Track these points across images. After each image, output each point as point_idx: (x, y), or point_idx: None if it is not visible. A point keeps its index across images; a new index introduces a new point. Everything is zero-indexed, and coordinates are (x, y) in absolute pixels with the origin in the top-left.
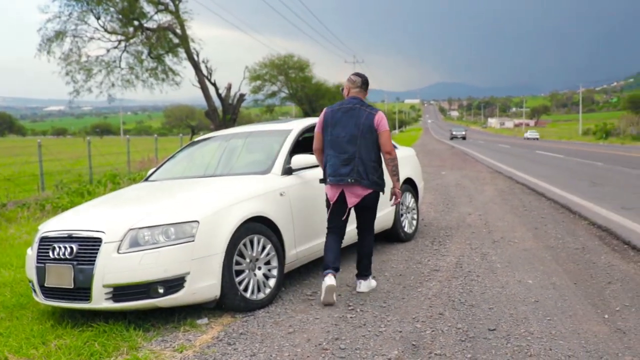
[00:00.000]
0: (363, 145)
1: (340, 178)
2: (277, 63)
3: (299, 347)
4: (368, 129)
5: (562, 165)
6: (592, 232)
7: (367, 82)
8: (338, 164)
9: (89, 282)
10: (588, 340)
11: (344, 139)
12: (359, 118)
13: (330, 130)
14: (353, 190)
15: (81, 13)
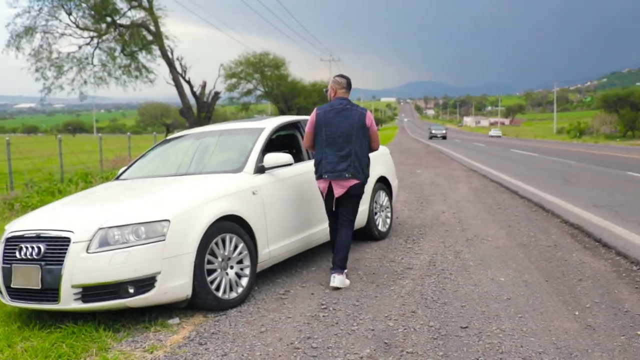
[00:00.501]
0: (357, 143)
1: (338, 174)
2: (252, 61)
3: (270, 346)
4: (361, 128)
5: (536, 163)
6: (564, 230)
7: (350, 83)
8: (336, 161)
9: (57, 283)
10: (558, 337)
11: (340, 137)
12: (352, 118)
13: (324, 130)
14: (342, 183)
15: (52, 8)
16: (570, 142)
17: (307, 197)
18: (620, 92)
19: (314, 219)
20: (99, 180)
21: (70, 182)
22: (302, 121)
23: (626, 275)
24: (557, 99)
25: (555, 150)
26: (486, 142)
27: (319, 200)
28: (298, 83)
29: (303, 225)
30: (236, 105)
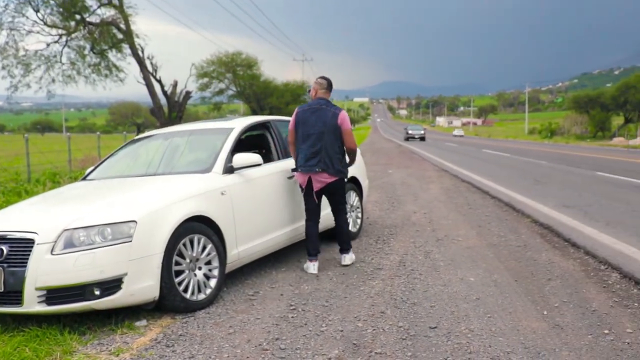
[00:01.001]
0: (328, 140)
1: (309, 168)
2: (224, 60)
3: (238, 347)
4: (333, 127)
5: (507, 163)
6: (534, 230)
7: (331, 84)
8: (308, 156)
9: (20, 285)
10: (527, 337)
11: (313, 135)
12: (326, 117)
13: (301, 127)
14: (318, 178)
15: (18, 5)
16: (541, 142)
17: (277, 198)
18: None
19: (284, 220)
20: (67, 181)
21: (37, 182)
22: (273, 121)
23: (594, 274)
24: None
25: (527, 150)
26: (458, 142)
27: (289, 200)
28: (270, 83)
29: (273, 225)
30: (208, 105)
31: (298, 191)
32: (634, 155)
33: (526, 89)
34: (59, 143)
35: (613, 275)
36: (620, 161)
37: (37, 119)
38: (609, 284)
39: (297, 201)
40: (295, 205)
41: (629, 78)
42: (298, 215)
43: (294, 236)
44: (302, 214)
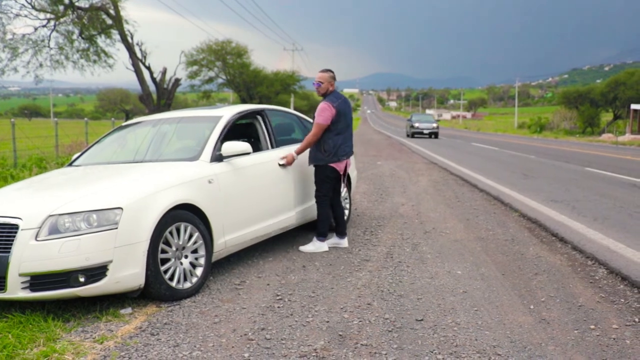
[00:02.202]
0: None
1: (352, 153)
2: (214, 48)
3: (224, 337)
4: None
5: (496, 157)
6: (522, 224)
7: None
8: (351, 144)
9: (3, 271)
10: (513, 331)
11: (350, 125)
12: (351, 107)
13: (343, 118)
14: (348, 162)
15: None
16: (530, 136)
17: (266, 187)
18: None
19: (273, 210)
20: (54, 166)
21: (23, 167)
22: (264, 110)
23: (581, 270)
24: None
25: (516, 144)
26: (448, 135)
27: (279, 190)
28: (260, 72)
29: (261, 215)
30: (197, 93)
31: (288, 181)
32: (622, 151)
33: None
34: (47, 128)
35: (600, 270)
36: (609, 157)
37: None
38: (596, 280)
39: (286, 191)
40: (284, 195)
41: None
42: (286, 206)
43: (284, 226)
44: (290, 204)
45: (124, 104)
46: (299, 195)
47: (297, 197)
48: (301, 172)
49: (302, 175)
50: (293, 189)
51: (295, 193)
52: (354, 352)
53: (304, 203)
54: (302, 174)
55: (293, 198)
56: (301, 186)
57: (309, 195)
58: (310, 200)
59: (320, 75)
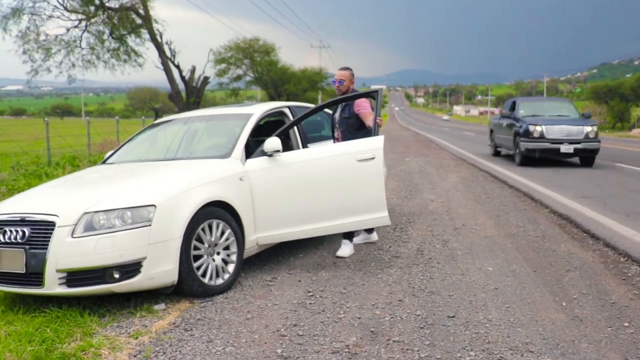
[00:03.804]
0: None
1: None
2: (242, 46)
3: (256, 333)
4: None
5: None
6: (552, 221)
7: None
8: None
9: (41, 267)
10: (545, 328)
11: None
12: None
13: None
14: None
15: None
16: None
17: (298, 187)
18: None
19: (307, 212)
20: (86, 164)
21: (57, 165)
22: (292, 107)
23: (614, 266)
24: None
25: None
26: (475, 131)
27: (314, 192)
28: (288, 69)
29: (294, 215)
30: (226, 91)
31: (325, 183)
32: None
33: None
34: (78, 127)
35: (633, 267)
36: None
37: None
38: (629, 277)
39: (323, 194)
40: (321, 198)
41: None
42: (323, 211)
43: (318, 233)
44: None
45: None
46: (340, 202)
47: (337, 203)
48: (342, 177)
49: (343, 181)
50: (332, 193)
51: (334, 197)
52: (386, 348)
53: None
54: (344, 179)
55: (331, 203)
56: (342, 193)
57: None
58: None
59: (341, 74)
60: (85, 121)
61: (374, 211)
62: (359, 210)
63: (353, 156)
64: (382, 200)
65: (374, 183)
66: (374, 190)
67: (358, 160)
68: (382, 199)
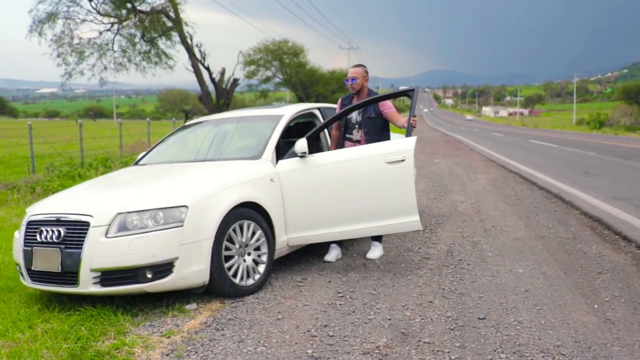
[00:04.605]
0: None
1: None
2: (271, 48)
3: (287, 333)
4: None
5: (555, 154)
6: (583, 222)
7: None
8: None
9: (76, 266)
10: (577, 330)
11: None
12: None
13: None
14: None
15: None
16: (589, 133)
17: (330, 189)
18: None
19: (337, 214)
20: (118, 165)
21: (90, 166)
22: (322, 108)
23: None
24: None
25: (575, 141)
26: (505, 132)
27: (344, 194)
28: (317, 71)
29: (325, 216)
30: (255, 93)
31: (358, 186)
32: None
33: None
34: (110, 129)
35: None
36: None
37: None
38: None
39: (355, 197)
40: (353, 201)
41: None
42: (355, 214)
43: (349, 235)
44: (360, 213)
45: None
46: (370, 205)
47: (367, 205)
48: (372, 179)
49: (373, 183)
50: (362, 195)
51: (364, 200)
52: (416, 349)
53: (377, 217)
54: (374, 181)
55: (361, 205)
56: (372, 195)
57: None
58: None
59: (355, 71)
60: (117, 123)
61: (404, 215)
62: (389, 214)
63: (383, 158)
64: (412, 204)
65: (404, 186)
66: (404, 193)
67: (388, 162)
68: (413, 203)
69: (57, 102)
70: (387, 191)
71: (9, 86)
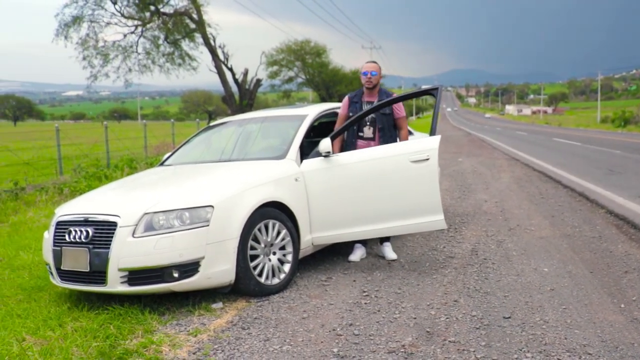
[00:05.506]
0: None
1: None
2: (294, 48)
3: (312, 332)
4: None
5: (579, 153)
6: (609, 221)
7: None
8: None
9: (104, 266)
10: (604, 330)
11: None
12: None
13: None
14: None
15: None
16: (614, 131)
17: (353, 189)
18: None
19: (361, 213)
20: (144, 166)
21: (116, 167)
22: None
23: None
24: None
25: (600, 139)
26: (528, 130)
27: (368, 193)
28: (339, 70)
29: (349, 216)
30: (277, 93)
31: (382, 186)
32: None
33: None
34: (135, 130)
35: None
36: None
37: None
38: None
39: (380, 197)
40: (378, 200)
41: None
42: (380, 214)
43: (373, 235)
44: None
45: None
46: (394, 204)
47: (391, 205)
48: (396, 178)
49: (397, 183)
50: (386, 194)
51: (388, 199)
52: (442, 348)
53: (401, 216)
54: (398, 180)
55: (385, 205)
56: (396, 195)
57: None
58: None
59: (374, 65)
60: (142, 124)
61: (429, 214)
62: (413, 213)
63: (407, 157)
64: (437, 203)
65: (429, 185)
66: (428, 192)
67: (412, 161)
68: (437, 202)
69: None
70: (412, 190)
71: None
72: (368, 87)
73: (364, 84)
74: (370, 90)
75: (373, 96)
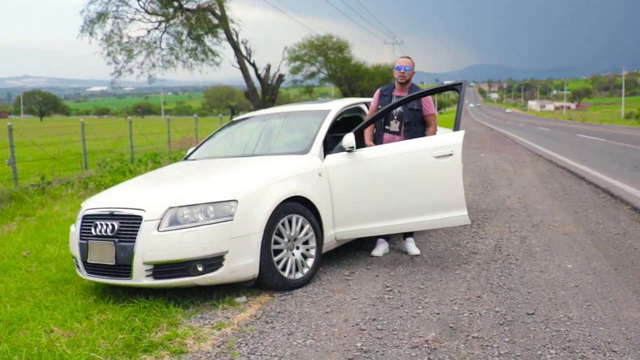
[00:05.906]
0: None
1: None
2: (316, 44)
3: (336, 326)
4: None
5: (603, 149)
6: (633, 217)
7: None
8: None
9: (129, 259)
10: (628, 327)
11: None
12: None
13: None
14: None
15: None
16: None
17: (377, 184)
18: None
19: (385, 208)
20: (167, 161)
21: (140, 162)
22: (368, 103)
23: None
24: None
25: (624, 135)
26: (551, 126)
27: (392, 188)
28: (361, 66)
29: (372, 211)
30: (300, 88)
31: (406, 181)
32: None
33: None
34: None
35: None
36: None
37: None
38: None
39: (404, 192)
40: (401, 196)
41: None
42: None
43: (397, 230)
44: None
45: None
46: (417, 200)
47: (414, 200)
48: (419, 173)
49: (421, 178)
50: (409, 189)
51: (411, 194)
52: (465, 344)
53: (424, 211)
54: (421, 176)
55: (409, 200)
56: (419, 190)
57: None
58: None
59: (408, 61)
60: (165, 119)
61: (452, 209)
62: (437, 208)
63: (431, 152)
64: (460, 199)
65: (452, 180)
66: (452, 188)
67: (435, 156)
68: (461, 197)
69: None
70: (435, 185)
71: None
72: (400, 82)
73: (397, 78)
74: (402, 85)
75: (404, 91)
